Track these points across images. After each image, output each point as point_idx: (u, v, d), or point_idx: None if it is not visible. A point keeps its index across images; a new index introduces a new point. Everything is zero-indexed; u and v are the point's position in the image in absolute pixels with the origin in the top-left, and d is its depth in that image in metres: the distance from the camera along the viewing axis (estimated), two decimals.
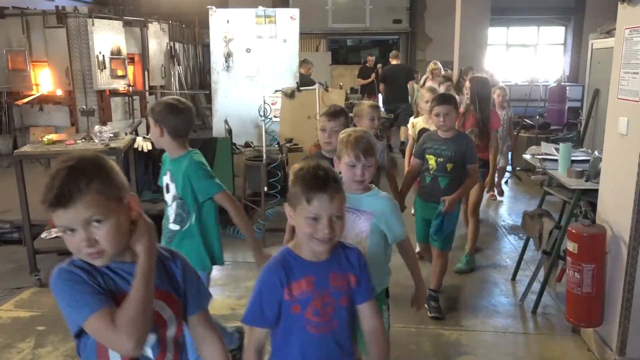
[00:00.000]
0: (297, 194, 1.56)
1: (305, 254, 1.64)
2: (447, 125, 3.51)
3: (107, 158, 1.38)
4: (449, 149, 3.51)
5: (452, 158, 3.50)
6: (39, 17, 8.30)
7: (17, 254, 4.81)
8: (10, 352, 3.27)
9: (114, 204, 1.31)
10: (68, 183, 1.25)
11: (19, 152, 4.16)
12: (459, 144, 3.51)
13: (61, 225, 1.29)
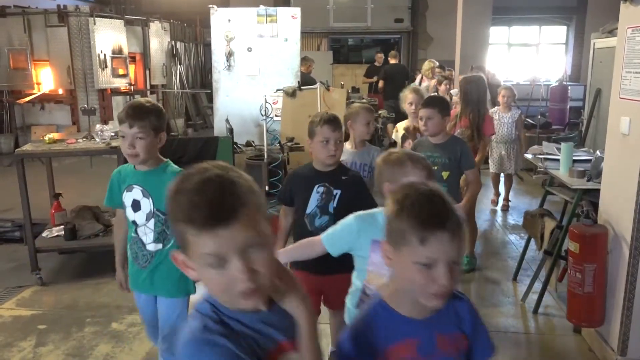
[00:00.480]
0: (404, 230, 1.17)
1: (404, 309, 1.26)
2: (430, 130, 3.28)
3: None
4: (442, 156, 3.29)
5: (447, 165, 3.28)
6: (41, 16, 8.31)
7: (18, 253, 4.81)
8: (11, 350, 3.27)
9: (268, 224, 1.04)
10: (225, 195, 0.97)
11: (21, 151, 4.16)
12: (452, 150, 3.29)
13: (210, 254, 0.98)
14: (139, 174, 2.37)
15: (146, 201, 2.35)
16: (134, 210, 2.38)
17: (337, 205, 2.49)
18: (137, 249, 2.43)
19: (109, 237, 4.43)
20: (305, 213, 2.53)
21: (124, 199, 2.40)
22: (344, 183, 2.51)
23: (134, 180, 2.37)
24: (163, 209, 2.25)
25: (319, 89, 6.56)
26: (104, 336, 3.43)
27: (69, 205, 4.70)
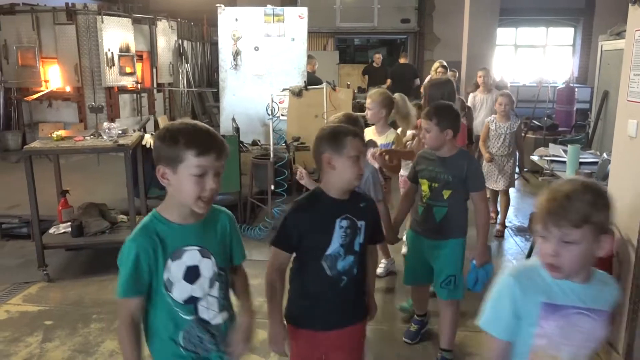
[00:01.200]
0: None
1: None
2: (428, 143, 2.89)
3: None
4: (445, 172, 2.84)
5: (449, 183, 2.83)
6: (49, 14, 8.35)
7: (26, 249, 4.85)
8: (18, 345, 3.30)
9: None
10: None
11: (29, 147, 4.19)
12: (457, 166, 2.84)
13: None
14: (192, 229, 1.70)
15: (207, 263, 1.73)
16: (190, 281, 1.70)
17: (363, 241, 2.06)
18: (197, 334, 1.75)
19: (116, 234, 4.47)
20: (325, 255, 2.01)
21: (169, 274, 1.68)
22: (366, 211, 2.08)
23: (184, 240, 1.69)
24: (224, 264, 1.80)
25: (325, 89, 6.57)
26: (109, 333, 3.45)
27: (76, 202, 4.73)
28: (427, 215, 2.91)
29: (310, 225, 2.00)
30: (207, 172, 1.61)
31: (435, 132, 2.80)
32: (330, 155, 1.98)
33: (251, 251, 4.95)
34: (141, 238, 1.67)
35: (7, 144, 8.62)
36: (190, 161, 1.58)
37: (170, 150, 1.61)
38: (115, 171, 5.94)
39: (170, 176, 1.63)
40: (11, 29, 8.48)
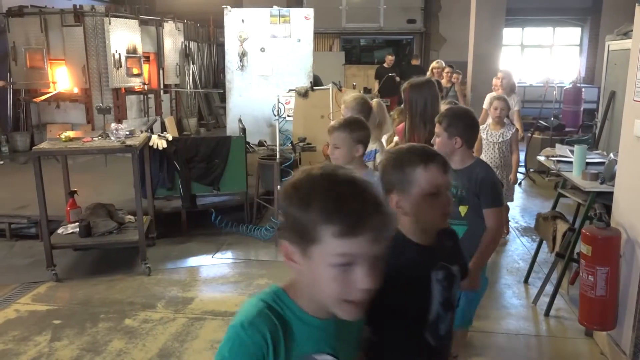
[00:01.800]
0: None
1: None
2: (437, 149, 2.46)
3: None
4: (460, 185, 2.53)
5: (464, 199, 2.52)
6: (57, 16, 8.41)
7: (34, 249, 4.89)
8: (27, 344, 3.33)
9: None
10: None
11: (38, 148, 4.23)
12: (470, 179, 2.52)
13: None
14: (327, 327, 1.13)
15: None
16: None
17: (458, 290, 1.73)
18: None
19: (123, 235, 4.51)
20: (429, 322, 1.54)
21: None
22: (455, 251, 1.71)
23: (316, 342, 1.13)
24: None
25: (331, 90, 6.57)
26: (117, 332, 3.48)
27: (84, 203, 4.77)
28: None
29: (402, 287, 1.41)
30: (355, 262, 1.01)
31: (444, 137, 2.55)
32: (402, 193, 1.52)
33: (258, 251, 4.98)
34: (262, 325, 1.07)
35: (16, 145, 8.68)
36: (329, 245, 0.99)
37: (299, 218, 1.02)
38: (123, 172, 5.97)
39: (297, 258, 1.05)
40: (20, 31, 8.55)
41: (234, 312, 3.71)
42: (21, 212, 5.23)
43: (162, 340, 3.37)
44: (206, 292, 4.17)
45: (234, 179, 5.47)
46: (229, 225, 5.34)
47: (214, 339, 3.38)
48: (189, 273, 4.51)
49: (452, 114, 2.60)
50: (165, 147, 5.09)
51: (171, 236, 5.25)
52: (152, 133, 5.30)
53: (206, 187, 5.43)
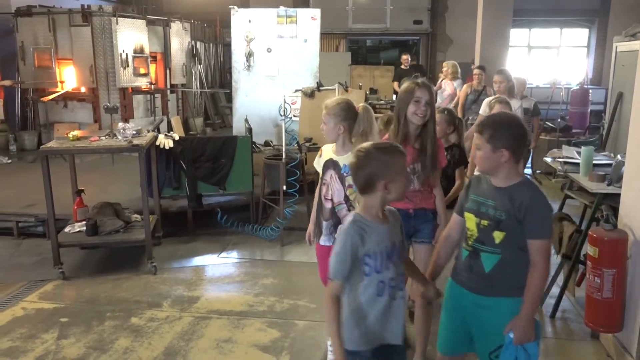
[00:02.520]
0: None
1: None
2: (478, 165, 2.25)
3: None
4: (498, 207, 2.15)
5: (502, 223, 2.13)
6: (65, 16, 8.47)
7: (41, 247, 4.93)
8: (34, 342, 3.36)
9: None
10: None
11: (45, 147, 4.26)
12: (514, 201, 2.12)
13: None
14: None
15: None
16: None
17: None
18: None
19: (130, 234, 4.53)
20: None
21: None
22: None
23: None
24: None
25: (337, 90, 6.58)
26: (123, 330, 3.49)
27: (91, 202, 4.79)
28: (473, 262, 2.22)
29: None
30: None
31: (487, 150, 2.15)
32: None
33: (263, 251, 4.99)
34: None
35: (24, 144, 8.74)
36: None
37: None
38: (129, 171, 6.01)
39: None
40: (28, 30, 8.61)
41: (239, 311, 3.74)
42: (29, 210, 5.27)
43: (168, 338, 3.39)
44: (212, 291, 4.18)
45: (240, 179, 5.48)
46: (235, 225, 5.36)
47: (219, 338, 3.39)
48: (194, 272, 4.53)
49: (496, 122, 2.20)
50: (171, 146, 5.11)
51: (177, 235, 5.27)
52: (158, 132, 5.32)
53: (212, 186, 5.44)
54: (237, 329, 3.51)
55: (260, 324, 3.56)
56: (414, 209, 2.90)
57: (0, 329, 3.52)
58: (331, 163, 2.90)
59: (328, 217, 2.90)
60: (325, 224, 2.93)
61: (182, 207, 5.42)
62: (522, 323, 2.10)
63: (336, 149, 2.93)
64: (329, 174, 2.89)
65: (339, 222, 2.84)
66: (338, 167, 2.86)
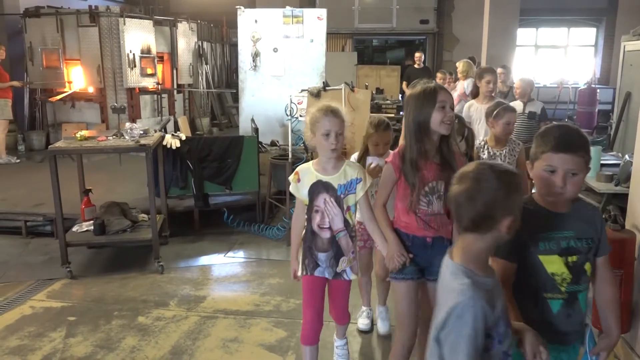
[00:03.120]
0: None
1: None
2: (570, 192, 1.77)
3: None
4: (581, 234, 1.84)
5: (591, 251, 1.87)
6: (73, 16, 8.52)
7: (50, 246, 4.96)
8: (42, 340, 3.38)
9: None
10: None
11: (54, 147, 4.28)
12: (592, 221, 1.88)
13: None
14: None
15: None
16: None
17: None
18: None
19: (136, 233, 4.55)
20: None
21: None
22: None
23: None
24: None
25: (343, 90, 6.58)
26: (130, 329, 3.51)
27: (98, 201, 4.82)
28: (571, 309, 1.87)
29: None
30: None
31: (584, 174, 1.80)
32: None
33: (269, 251, 5.00)
34: None
35: (32, 144, 8.80)
36: None
37: None
38: (137, 171, 6.04)
39: None
40: (36, 31, 8.66)
41: (245, 310, 3.75)
42: (37, 210, 5.31)
43: (174, 337, 3.40)
44: (218, 290, 4.20)
45: (246, 179, 5.50)
46: (241, 225, 5.37)
47: (225, 337, 3.40)
48: (201, 272, 4.55)
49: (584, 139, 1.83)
50: (178, 146, 5.13)
51: (184, 235, 5.30)
52: (165, 132, 5.35)
53: (219, 186, 5.46)
54: (243, 328, 3.52)
55: (267, 324, 3.57)
56: (433, 237, 2.40)
57: (9, 328, 3.55)
58: (321, 186, 2.50)
59: (326, 247, 2.56)
60: (323, 255, 2.57)
61: (188, 207, 5.44)
62: (614, 340, 1.97)
63: (323, 168, 2.51)
64: (322, 199, 2.51)
65: (340, 252, 2.57)
66: (332, 189, 2.50)
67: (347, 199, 2.52)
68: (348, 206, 2.53)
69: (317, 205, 2.53)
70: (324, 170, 2.52)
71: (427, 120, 2.29)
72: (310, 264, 2.60)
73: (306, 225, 2.60)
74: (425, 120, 2.29)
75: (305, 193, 2.54)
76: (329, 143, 2.42)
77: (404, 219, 2.43)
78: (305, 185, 2.53)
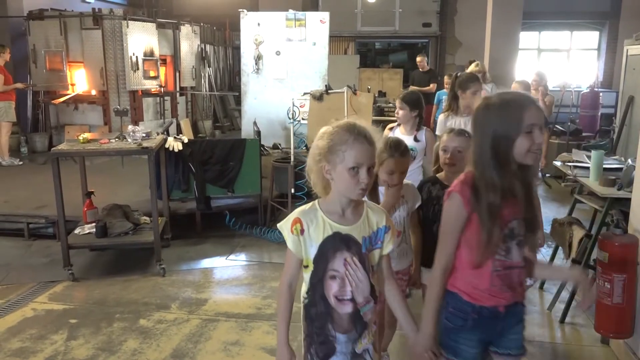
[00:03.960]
0: None
1: None
2: None
3: None
4: None
5: None
6: (76, 19, 8.54)
7: (52, 249, 4.97)
8: (44, 343, 3.38)
9: None
10: None
11: (56, 149, 4.29)
12: None
13: None
14: None
15: None
16: None
17: None
18: None
19: (138, 236, 4.56)
20: None
21: None
22: None
23: None
24: None
25: (346, 93, 6.58)
26: (132, 332, 3.51)
27: (101, 204, 4.83)
28: None
29: None
30: None
31: None
32: None
33: (271, 254, 5.00)
34: None
35: (35, 146, 8.82)
36: None
37: None
38: (139, 173, 6.04)
39: None
40: (40, 33, 8.69)
41: (247, 314, 3.74)
42: (39, 212, 5.31)
43: (176, 340, 3.40)
44: (220, 293, 4.20)
45: (249, 182, 5.50)
46: (243, 228, 5.37)
47: (227, 340, 3.40)
48: (203, 274, 4.55)
49: None
50: (180, 149, 5.13)
51: (186, 238, 5.30)
52: (168, 135, 5.36)
53: (221, 189, 5.47)
54: (244, 331, 3.52)
55: (268, 327, 3.56)
56: (507, 305, 1.86)
57: (11, 330, 3.55)
58: (340, 241, 1.79)
59: (348, 327, 1.82)
60: (343, 337, 1.83)
61: (190, 210, 5.44)
62: None
63: (340, 214, 1.80)
64: (341, 260, 1.79)
65: (364, 329, 1.84)
66: (355, 245, 1.79)
67: (372, 256, 1.84)
68: (372, 266, 1.84)
69: (334, 269, 1.79)
70: (341, 217, 1.80)
71: (508, 147, 1.73)
72: (321, 352, 1.85)
73: (309, 294, 1.85)
74: (507, 148, 1.73)
75: (314, 252, 1.79)
76: (358, 181, 1.69)
77: (469, 279, 1.83)
78: (314, 241, 1.78)
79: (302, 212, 1.83)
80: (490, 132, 1.74)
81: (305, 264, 1.82)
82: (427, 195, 2.67)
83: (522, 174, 1.77)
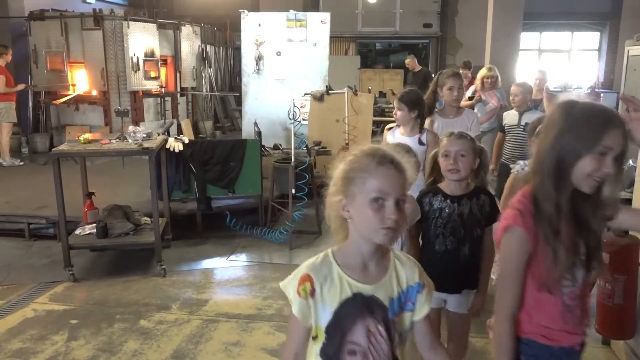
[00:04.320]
0: None
1: None
2: None
3: None
4: None
5: None
6: (77, 20, 8.55)
7: (52, 249, 4.97)
8: (44, 343, 3.38)
9: None
10: None
11: (57, 150, 4.30)
12: None
13: None
14: None
15: None
16: None
17: None
18: None
19: (139, 236, 4.56)
20: None
21: None
22: None
23: None
24: None
25: (346, 94, 6.59)
26: (132, 333, 3.51)
27: (101, 204, 4.83)
28: None
29: None
30: None
31: None
32: None
33: (272, 254, 5.00)
34: None
35: (36, 146, 8.83)
36: None
37: None
38: (139, 174, 6.04)
39: None
40: (41, 34, 8.70)
41: (247, 314, 3.74)
42: (40, 212, 5.31)
43: (176, 341, 3.40)
44: (220, 294, 4.20)
45: (249, 182, 5.50)
46: (244, 228, 5.37)
47: (227, 341, 3.40)
48: (203, 275, 4.55)
49: None
50: (181, 149, 5.13)
51: (186, 238, 5.30)
52: (168, 135, 5.36)
53: (221, 189, 5.47)
54: (245, 332, 3.51)
55: (269, 328, 3.56)
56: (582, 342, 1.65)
57: (11, 330, 3.55)
58: (361, 304, 1.39)
59: None
60: None
61: (191, 210, 5.44)
62: None
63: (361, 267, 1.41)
64: (363, 329, 1.39)
65: None
66: (380, 309, 1.40)
67: (400, 322, 1.44)
68: (400, 333, 1.45)
69: (353, 341, 1.39)
70: (362, 272, 1.41)
71: (571, 163, 1.47)
72: None
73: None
74: (569, 165, 1.47)
75: (327, 320, 1.39)
76: (382, 217, 1.31)
77: (541, 317, 1.57)
78: (328, 305, 1.39)
79: (312, 266, 1.40)
80: (560, 140, 1.47)
81: (314, 334, 1.40)
82: (428, 208, 2.45)
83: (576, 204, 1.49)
